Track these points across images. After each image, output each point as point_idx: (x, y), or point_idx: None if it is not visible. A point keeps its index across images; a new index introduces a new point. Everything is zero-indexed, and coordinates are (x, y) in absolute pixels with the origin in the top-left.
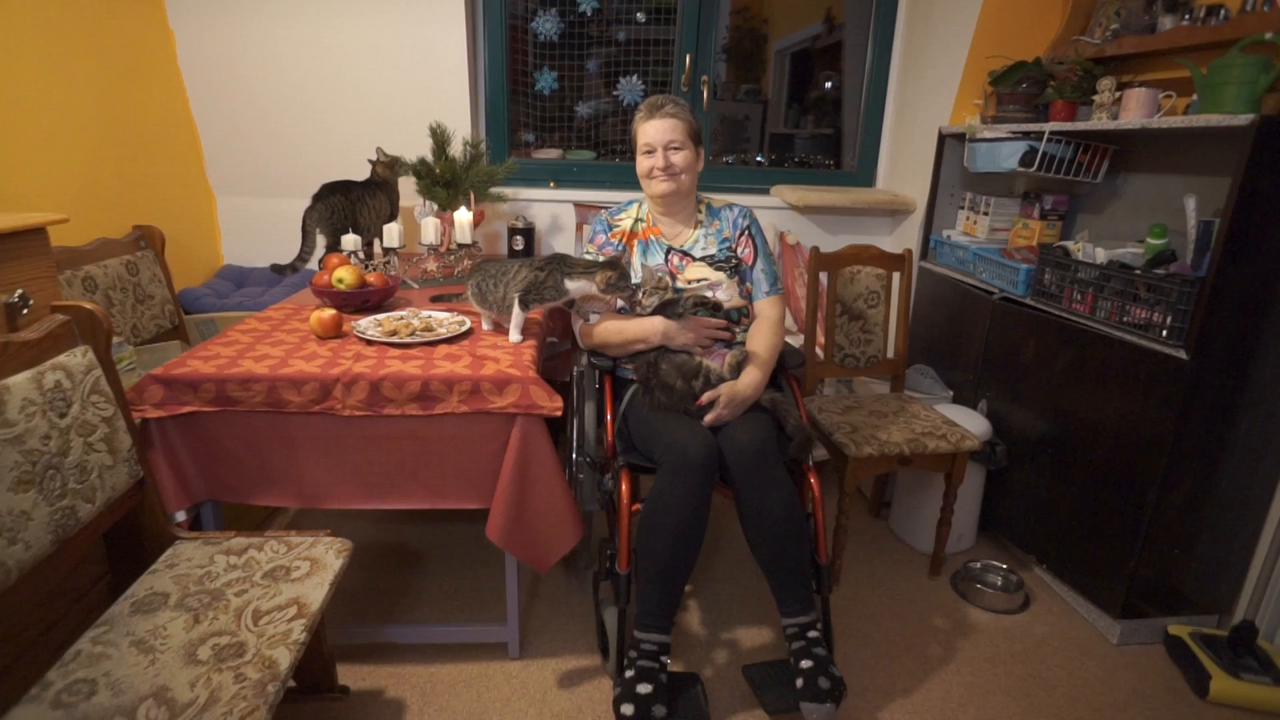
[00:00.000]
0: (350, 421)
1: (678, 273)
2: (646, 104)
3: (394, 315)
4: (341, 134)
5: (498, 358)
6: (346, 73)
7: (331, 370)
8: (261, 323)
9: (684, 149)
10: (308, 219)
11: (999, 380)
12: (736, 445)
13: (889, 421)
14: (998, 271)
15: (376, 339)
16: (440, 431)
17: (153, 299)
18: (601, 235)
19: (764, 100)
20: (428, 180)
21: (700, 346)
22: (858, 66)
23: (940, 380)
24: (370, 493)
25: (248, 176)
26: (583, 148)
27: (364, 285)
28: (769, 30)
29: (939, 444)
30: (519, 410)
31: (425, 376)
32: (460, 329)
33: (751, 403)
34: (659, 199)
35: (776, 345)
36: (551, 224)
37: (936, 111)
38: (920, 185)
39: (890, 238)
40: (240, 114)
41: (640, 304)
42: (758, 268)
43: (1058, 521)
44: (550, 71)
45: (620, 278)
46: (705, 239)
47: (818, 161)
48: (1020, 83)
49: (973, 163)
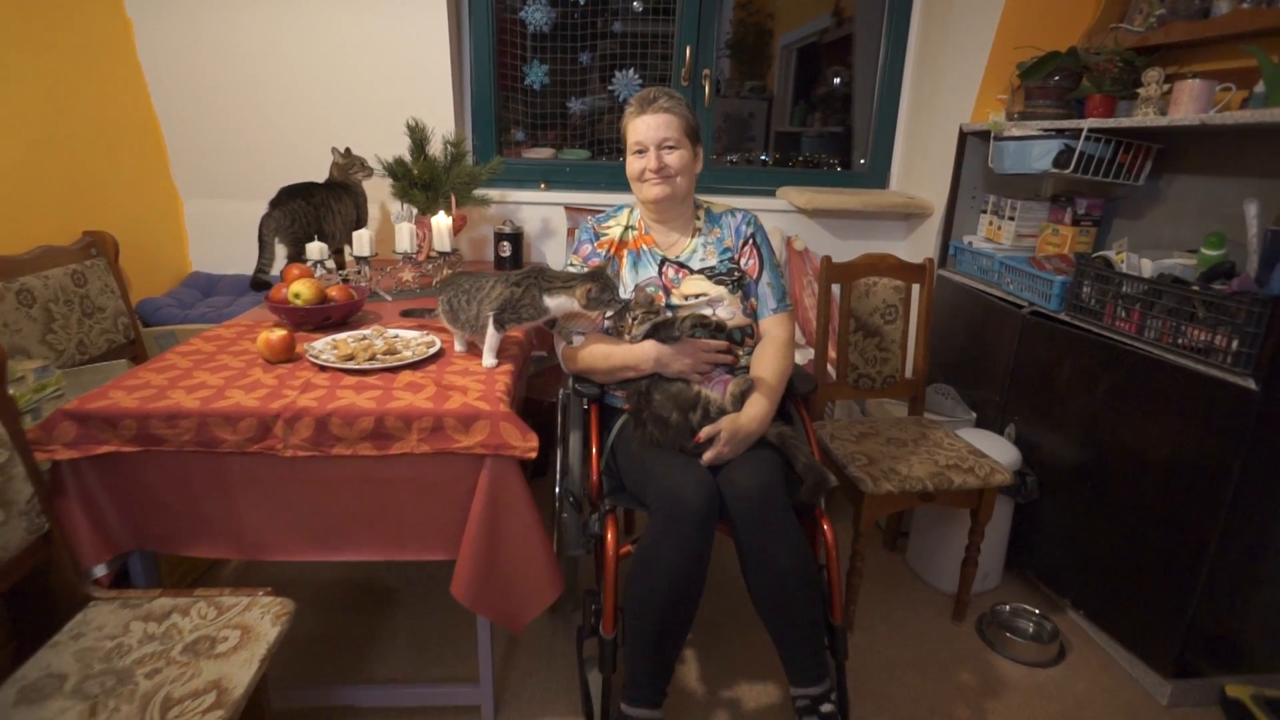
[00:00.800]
0: (294, 463)
1: (673, 287)
2: (637, 98)
3: (355, 335)
4: (319, 131)
5: (466, 387)
6: (324, 65)
7: (272, 404)
8: (208, 343)
9: (680, 148)
10: (264, 228)
11: (1029, 403)
12: (739, 489)
13: (909, 451)
14: (1028, 283)
15: (330, 364)
16: (398, 474)
17: (103, 311)
18: (587, 245)
19: (769, 97)
20: (405, 182)
21: (698, 373)
22: (869, 60)
23: (962, 401)
24: (319, 543)
25: (217, 177)
26: (577, 146)
27: (324, 300)
28: (774, 25)
29: (966, 479)
30: (487, 451)
31: (380, 411)
32: (428, 351)
33: (757, 438)
34: (652, 204)
35: (785, 370)
36: (542, 228)
37: (957, 108)
38: (938, 187)
39: (904, 243)
40: (208, 110)
41: (629, 333)
42: (763, 281)
43: (1097, 562)
44: (541, 65)
45: (604, 290)
46: (704, 249)
47: (825, 161)
48: (1052, 75)
49: (999, 163)
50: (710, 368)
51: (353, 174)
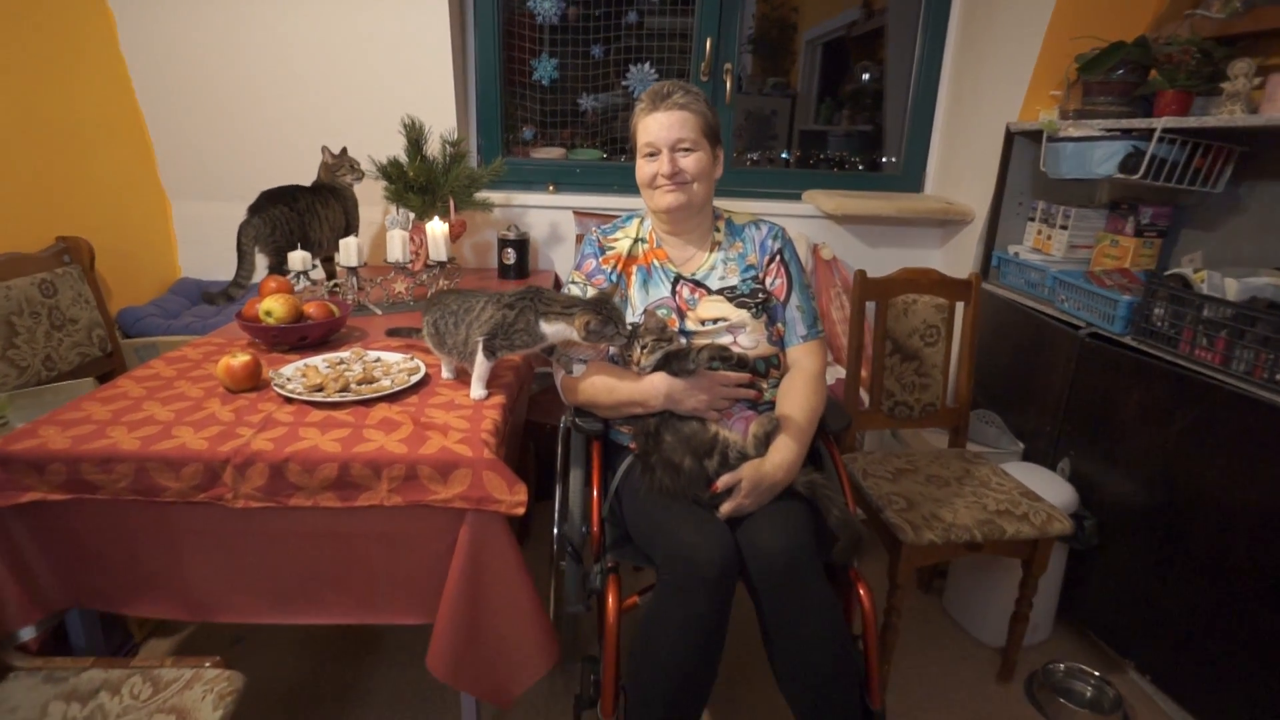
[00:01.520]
0: (248, 514)
1: (688, 309)
2: (649, 93)
3: (331, 359)
4: (318, 129)
5: (448, 425)
6: (320, 59)
7: (222, 447)
8: (170, 365)
9: (697, 150)
10: (242, 236)
11: (1087, 437)
12: (762, 550)
13: (952, 493)
14: (1087, 301)
15: (297, 395)
16: (367, 528)
17: (75, 323)
18: (591, 260)
19: (792, 94)
20: (399, 184)
21: (715, 410)
22: (903, 54)
23: (1008, 430)
24: (278, 604)
25: (207, 178)
26: (588, 146)
27: (300, 318)
28: (799, 19)
29: (1019, 528)
30: (468, 505)
31: (344, 457)
32: (410, 379)
33: (783, 488)
34: (664, 214)
35: (816, 408)
36: (550, 234)
37: (1002, 105)
38: (979, 192)
39: (939, 252)
40: (197, 107)
41: (637, 363)
42: (792, 304)
43: (1167, 620)
44: (551, 59)
45: (605, 323)
46: (724, 265)
47: (850, 160)
48: (1115, 69)
49: (1054, 166)
50: (729, 404)
51: (340, 176)
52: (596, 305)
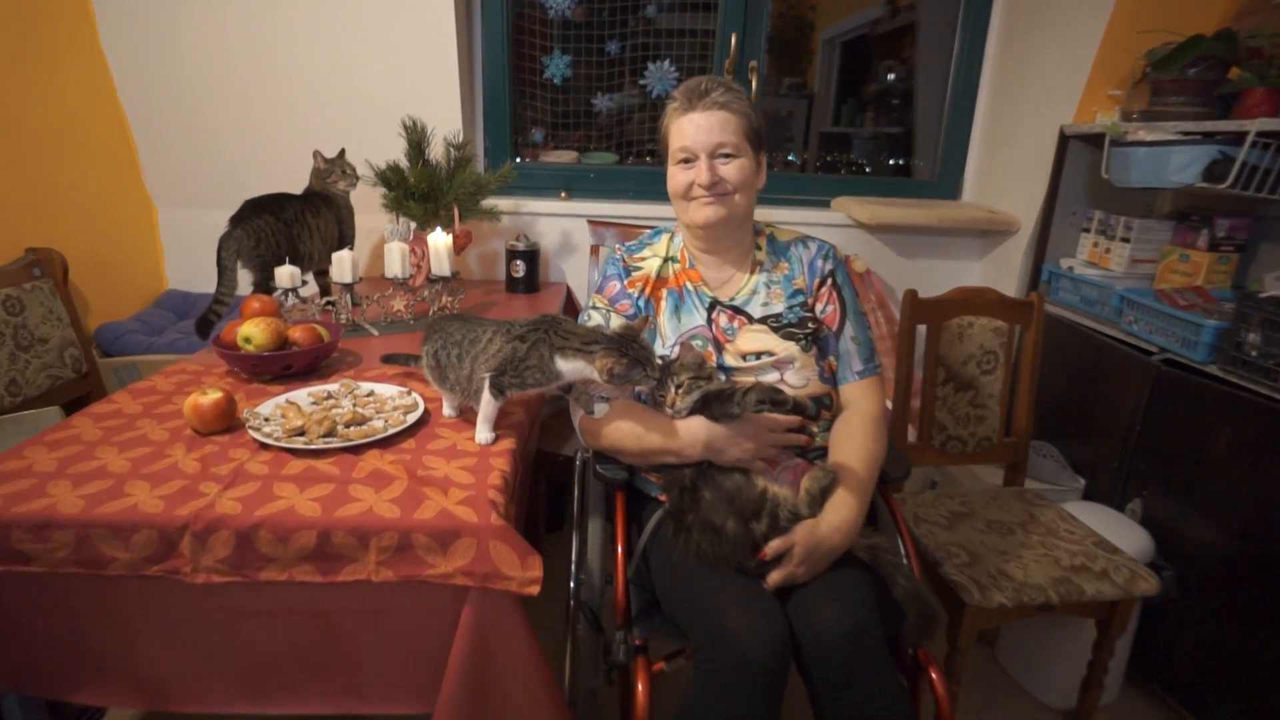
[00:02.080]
0: (211, 589)
1: (726, 340)
2: (684, 89)
3: (317, 392)
4: (313, 130)
5: (448, 479)
6: (316, 55)
7: (180, 509)
8: (135, 399)
9: (739, 156)
10: (223, 250)
11: (1163, 476)
12: (821, 632)
13: (1018, 543)
14: (1161, 324)
15: (275, 441)
16: (353, 604)
17: (45, 343)
18: (615, 282)
19: (809, 95)
20: (399, 191)
21: (761, 459)
22: (938, 52)
23: (1067, 464)
24: (248, 692)
25: (196, 182)
26: (603, 149)
27: (284, 344)
28: (816, 18)
29: (1100, 587)
30: (472, 582)
31: (325, 523)
32: (406, 419)
33: (841, 553)
34: (701, 229)
35: (877, 456)
36: (561, 243)
37: (1054, 106)
38: (1025, 200)
39: (979, 264)
40: (185, 107)
41: (670, 404)
42: (846, 335)
43: (1262, 688)
44: (563, 55)
45: (630, 366)
46: (768, 289)
47: (878, 166)
48: (1191, 65)
49: (1122, 173)
50: (776, 453)
51: (333, 183)
52: (622, 343)
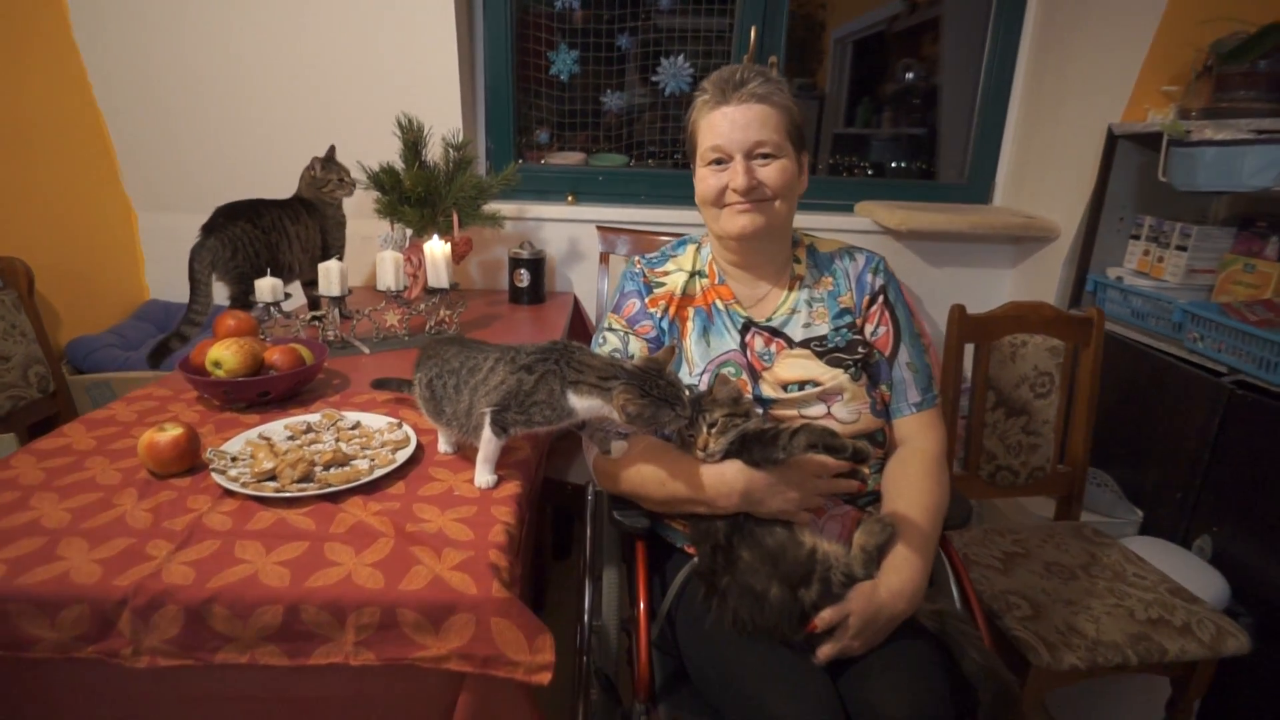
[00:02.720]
0: (158, 674)
1: (762, 367)
2: (716, 80)
3: (294, 425)
4: (301, 126)
5: (443, 535)
6: (306, 48)
7: (120, 578)
8: (91, 431)
9: (780, 157)
10: (196, 262)
11: (1237, 511)
12: (882, 718)
13: (1084, 590)
14: (1233, 342)
15: (241, 488)
16: (329, 691)
17: (7, 361)
18: (634, 300)
19: (819, 95)
20: (393, 196)
21: (808, 509)
22: (965, 48)
23: (1123, 495)
24: None
25: (179, 185)
26: (612, 150)
27: (260, 369)
28: (826, 16)
29: (1184, 645)
30: (470, 667)
31: (293, 595)
32: (395, 459)
33: (904, 620)
34: (735, 241)
35: (940, 505)
36: (569, 250)
37: (1099, 103)
38: (1065, 204)
39: (1012, 272)
40: (165, 104)
41: (702, 446)
42: (901, 360)
43: None
44: (570, 50)
45: (654, 406)
46: (810, 308)
47: (898, 168)
48: (1263, 57)
49: (1186, 176)
50: (824, 500)
51: (328, 192)
52: (644, 379)
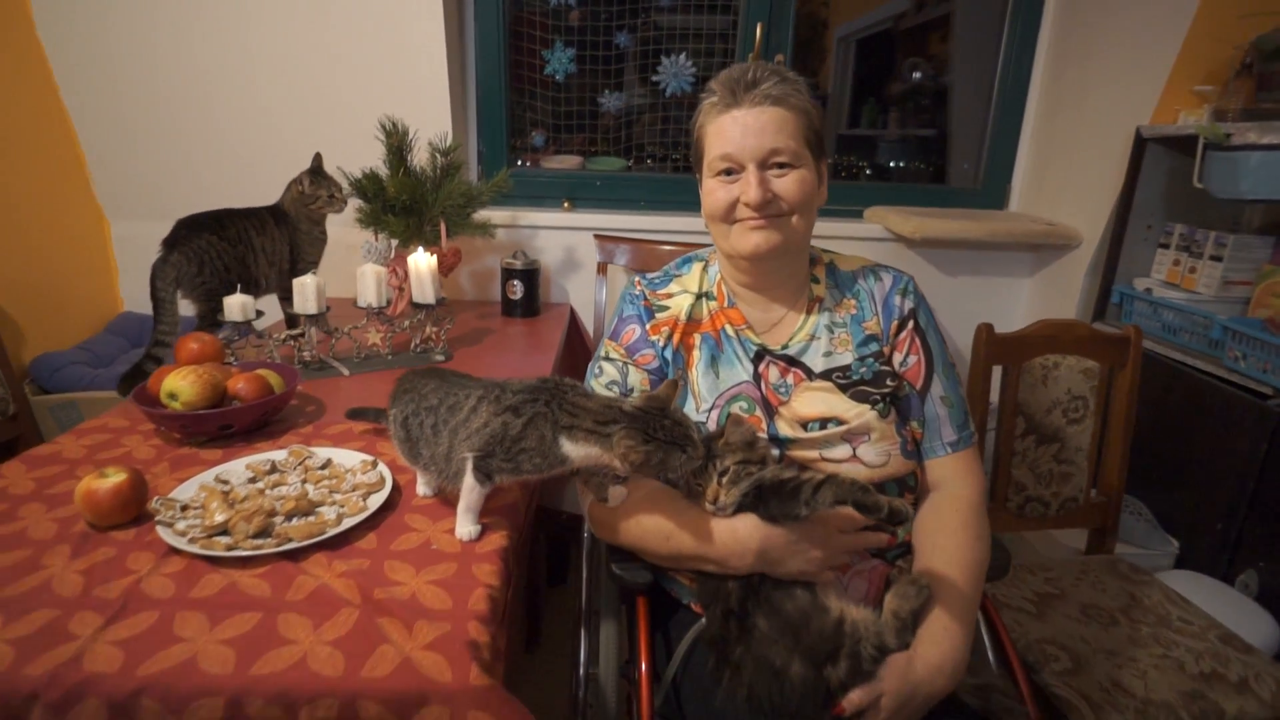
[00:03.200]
0: None
1: (779, 402)
2: (725, 80)
3: (257, 464)
4: (282, 129)
5: (415, 601)
6: (286, 47)
7: (30, 666)
8: (29, 473)
9: (798, 166)
10: (158, 280)
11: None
12: None
13: (1125, 637)
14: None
15: (189, 545)
16: None
17: None
18: (633, 326)
19: (822, 96)
20: (376, 204)
21: (832, 566)
22: (978, 46)
23: (1158, 524)
24: None
25: (154, 191)
26: (609, 153)
27: (222, 399)
28: (829, 15)
29: (1243, 705)
30: None
31: (238, 685)
32: (366, 506)
33: (944, 696)
34: (747, 260)
35: (981, 560)
36: (565, 260)
37: (1125, 104)
38: (1087, 210)
39: (1030, 282)
40: (139, 107)
41: (712, 498)
42: (934, 394)
43: None
44: (566, 49)
45: (663, 451)
46: (831, 335)
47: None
48: None
49: (1226, 182)
50: (850, 557)
51: (315, 208)
52: (647, 420)
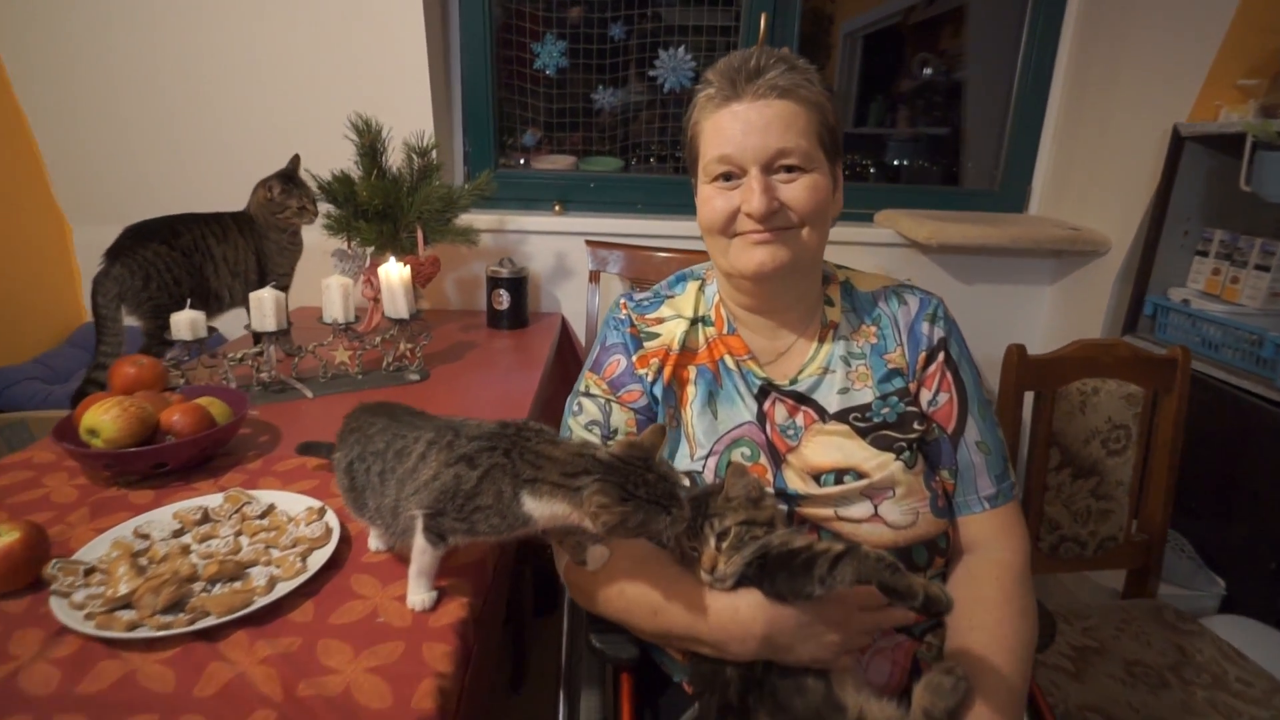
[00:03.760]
0: None
1: (786, 448)
2: (724, 69)
3: (187, 512)
4: (252, 129)
5: (347, 698)
6: (256, 41)
7: None
8: None
9: (810, 170)
10: (99, 295)
11: None
12: None
13: (1179, 702)
14: None
15: (83, 625)
16: None
17: None
18: (619, 357)
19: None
20: (348, 209)
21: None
22: (992, 38)
23: (1203, 562)
24: None
25: (119, 194)
26: (604, 152)
27: (154, 434)
28: (834, 10)
29: None
30: None
31: None
32: (310, 562)
33: None
34: (750, 280)
35: (1029, 640)
36: (555, 266)
37: (1159, 100)
38: (1115, 214)
39: (1050, 289)
40: (101, 105)
41: (709, 567)
42: (969, 439)
43: None
44: (558, 41)
45: (638, 514)
46: (848, 368)
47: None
48: None
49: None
50: (870, 637)
51: (284, 218)
52: (625, 473)
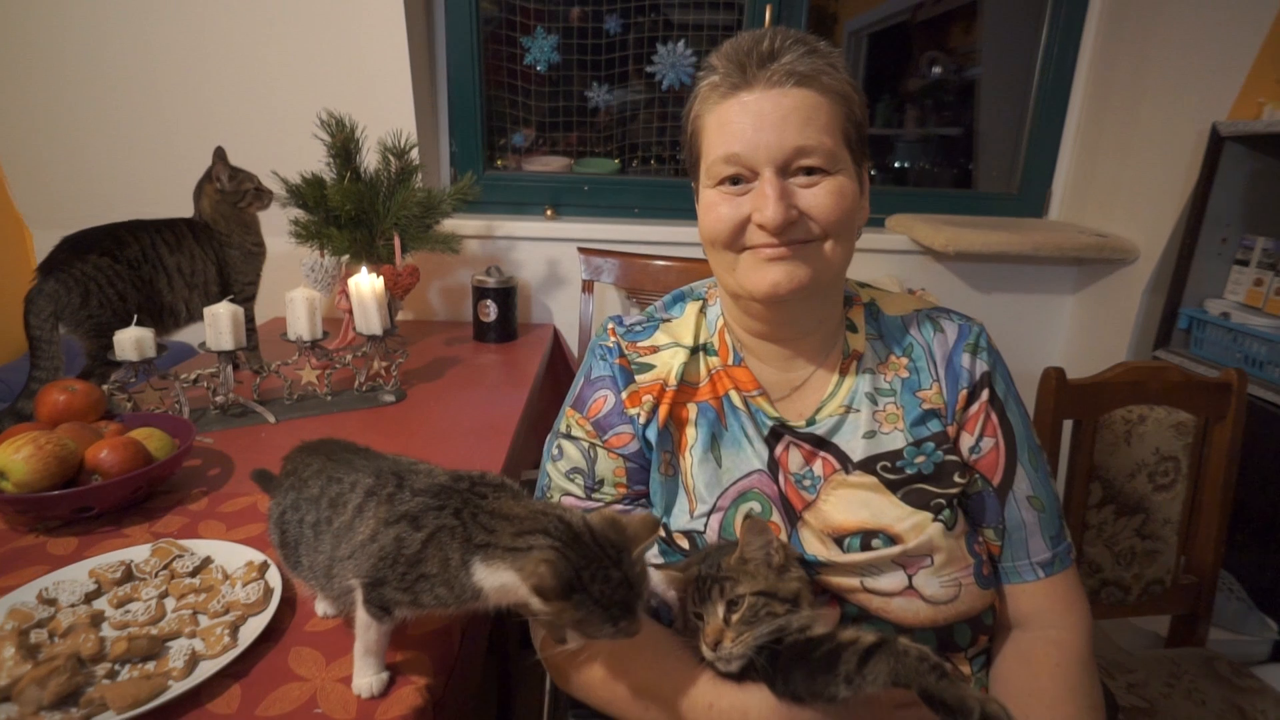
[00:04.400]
0: None
1: (803, 503)
2: (729, 52)
3: (105, 570)
4: (220, 129)
5: None
6: (225, 38)
7: None
8: None
9: (834, 172)
10: (32, 315)
11: None
12: None
13: None
14: None
15: None
16: None
17: None
18: (605, 393)
19: None
20: (318, 214)
21: None
22: (1009, 35)
23: (1254, 605)
24: None
25: (82, 197)
26: (600, 154)
27: (78, 473)
28: (838, 8)
29: None
30: None
31: None
32: (241, 637)
33: None
34: (762, 302)
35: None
36: (547, 274)
37: (1194, 97)
38: (1146, 220)
39: (1074, 299)
40: (59, 106)
41: (711, 642)
42: (1018, 493)
43: None
44: (549, 35)
45: (580, 611)
46: (874, 406)
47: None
48: None
49: None
50: None
51: (246, 206)
52: (589, 556)
